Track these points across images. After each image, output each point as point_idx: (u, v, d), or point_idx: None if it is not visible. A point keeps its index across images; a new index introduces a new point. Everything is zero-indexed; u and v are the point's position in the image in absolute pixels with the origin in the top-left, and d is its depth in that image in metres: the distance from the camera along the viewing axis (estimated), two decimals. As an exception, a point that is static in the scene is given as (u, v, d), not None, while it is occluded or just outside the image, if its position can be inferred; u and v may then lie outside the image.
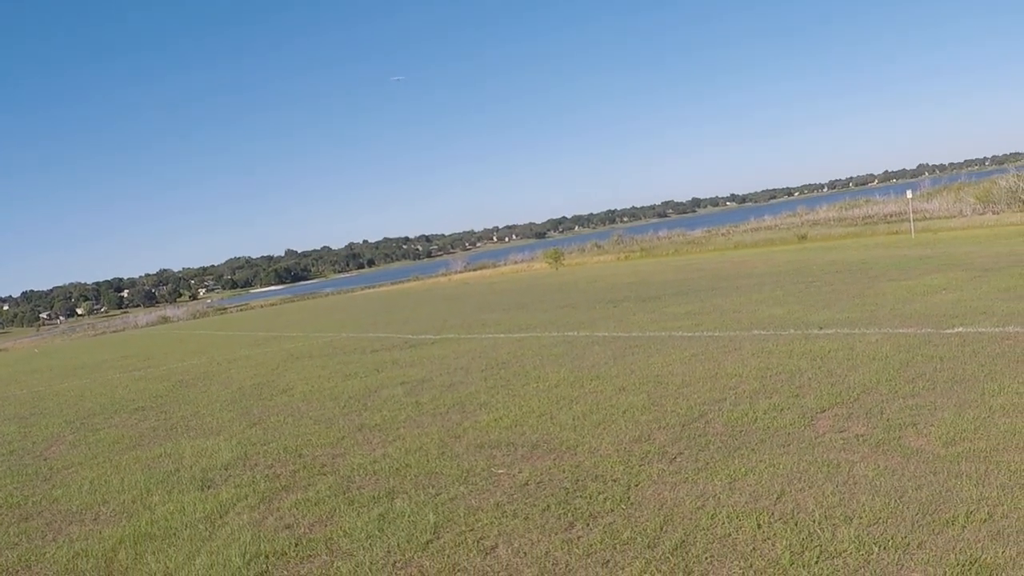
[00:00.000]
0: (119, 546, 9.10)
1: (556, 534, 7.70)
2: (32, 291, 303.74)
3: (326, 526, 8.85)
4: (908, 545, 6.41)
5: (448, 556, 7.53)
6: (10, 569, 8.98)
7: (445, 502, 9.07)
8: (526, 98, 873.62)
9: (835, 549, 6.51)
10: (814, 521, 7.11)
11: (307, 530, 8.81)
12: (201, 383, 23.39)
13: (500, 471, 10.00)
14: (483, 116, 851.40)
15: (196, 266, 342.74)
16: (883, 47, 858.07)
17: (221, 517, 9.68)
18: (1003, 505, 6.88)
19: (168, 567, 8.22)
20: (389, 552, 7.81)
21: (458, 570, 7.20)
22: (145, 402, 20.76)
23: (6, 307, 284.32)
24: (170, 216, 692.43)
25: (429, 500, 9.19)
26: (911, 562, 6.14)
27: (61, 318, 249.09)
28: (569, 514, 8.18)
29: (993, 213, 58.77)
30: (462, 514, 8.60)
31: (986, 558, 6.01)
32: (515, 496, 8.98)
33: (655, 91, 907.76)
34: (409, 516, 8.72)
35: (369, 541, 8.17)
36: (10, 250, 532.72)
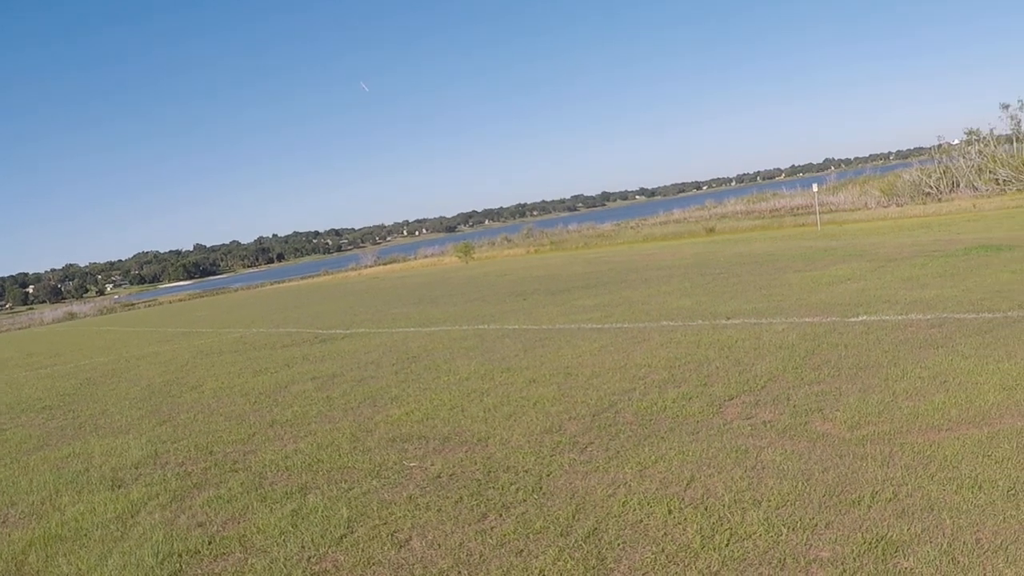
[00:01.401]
0: (29, 548, 8.92)
1: (469, 525, 7.73)
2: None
3: (239, 523, 8.78)
4: (816, 525, 6.52)
5: (362, 550, 7.52)
6: (-85, 576, 8.84)
7: (358, 496, 9.05)
8: (434, 91, 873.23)
9: (745, 532, 6.60)
10: (724, 505, 7.20)
11: (220, 528, 8.74)
12: (109, 381, 23.02)
13: (412, 464, 9.99)
14: (392, 108, 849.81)
15: (103, 261, 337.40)
16: (789, 42, 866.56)
17: (133, 517, 9.55)
18: (907, 485, 7.02)
19: (80, 568, 8.10)
20: (303, 548, 7.78)
21: (373, 563, 7.19)
22: (52, 401, 20.38)
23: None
24: (76, 209, 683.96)
25: (342, 495, 9.17)
26: (819, 542, 6.25)
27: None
28: (482, 505, 8.21)
29: (897, 206, 59.66)
30: (375, 508, 8.59)
31: (892, 536, 6.13)
32: (428, 489, 8.98)
33: (564, 85, 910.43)
34: (322, 511, 8.70)
35: (283, 537, 8.13)
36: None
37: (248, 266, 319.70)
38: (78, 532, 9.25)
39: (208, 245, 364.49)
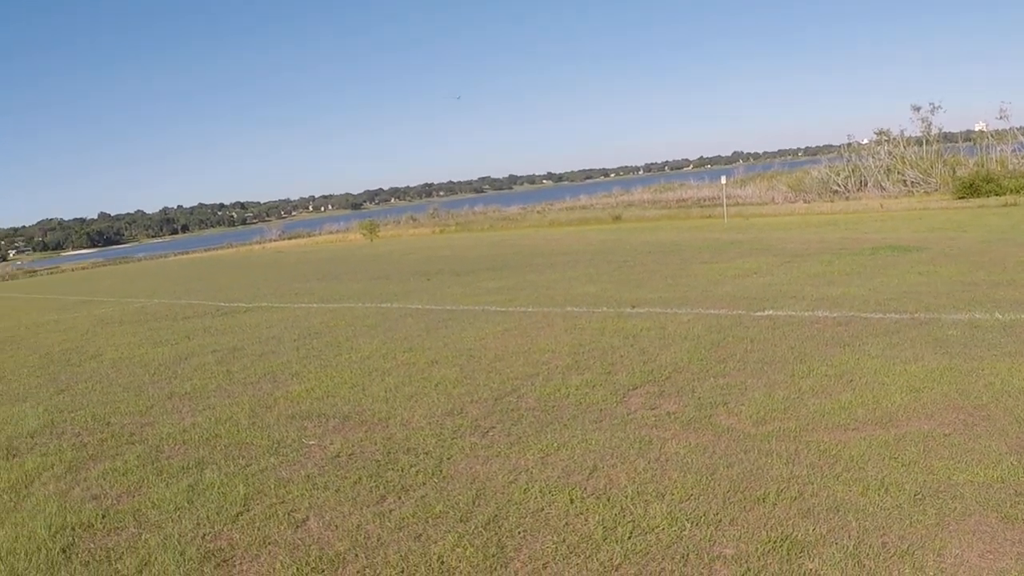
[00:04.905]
0: (-84, 517, 8.68)
1: (368, 507, 7.59)
2: None
3: (134, 497, 8.57)
4: (720, 521, 6.45)
5: (258, 528, 7.36)
6: None
7: (255, 473, 8.88)
8: (344, 66, 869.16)
9: (648, 525, 6.51)
10: (626, 497, 7.12)
11: (115, 501, 8.51)
12: (7, 348, 22.51)
13: (311, 442, 9.84)
14: (299, 81, 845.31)
15: (5, 226, 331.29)
16: (699, 31, 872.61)
17: (27, 487, 9.30)
18: (813, 484, 6.98)
19: (-31, 538, 7.88)
20: (198, 524, 7.60)
21: (269, 543, 7.04)
22: (-54, 366, 19.93)
23: None
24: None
25: (239, 471, 8.99)
26: (723, 538, 6.18)
27: None
28: (381, 487, 8.07)
29: (804, 202, 60.38)
30: (272, 486, 8.42)
31: (796, 535, 6.08)
32: (326, 468, 8.83)
33: (472, 64, 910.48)
34: (219, 487, 8.51)
35: (178, 513, 7.94)
36: None
37: (153, 236, 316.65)
38: (-32, 502, 8.99)
39: (113, 214, 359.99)
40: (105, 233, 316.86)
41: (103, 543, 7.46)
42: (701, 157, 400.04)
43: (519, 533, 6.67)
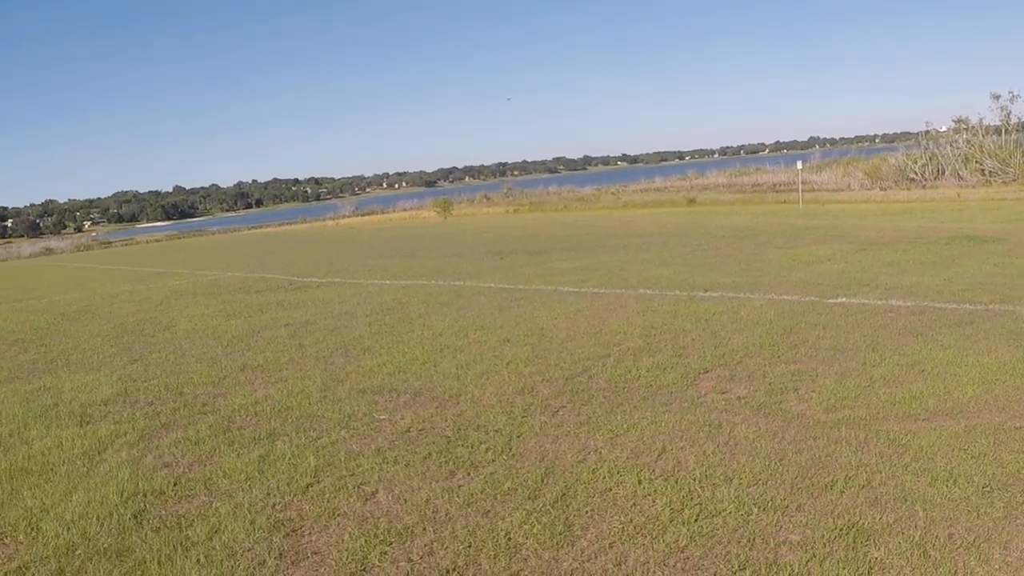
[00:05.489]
0: (-7, 479, 8.85)
1: (437, 482, 7.66)
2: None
3: (205, 466, 8.70)
4: (787, 507, 6.46)
5: (328, 500, 7.46)
6: None
7: (326, 446, 8.98)
8: (418, 44, 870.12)
9: (715, 508, 6.53)
10: (694, 480, 7.14)
11: (186, 470, 8.65)
12: (83, 317, 22.82)
13: (382, 417, 9.93)
14: (377, 58, 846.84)
15: (82, 198, 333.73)
16: (780, 17, 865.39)
17: (99, 454, 9.46)
18: (881, 473, 6.96)
19: (44, 503, 7.99)
20: (268, 494, 7.71)
21: (337, 514, 7.12)
22: (25, 334, 20.21)
23: None
24: (57, 145, 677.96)
25: (310, 443, 9.10)
26: (789, 524, 6.19)
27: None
28: (450, 462, 8.14)
29: (880, 189, 59.62)
30: (343, 459, 8.52)
31: (863, 523, 6.07)
32: (396, 443, 8.92)
33: (548, 43, 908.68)
34: (290, 459, 8.62)
35: (248, 483, 8.06)
36: None
37: (227, 210, 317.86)
38: (44, 466, 9.15)
39: (188, 187, 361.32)
40: (180, 206, 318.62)
41: (174, 510, 7.59)
42: (777, 142, 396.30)
43: (586, 512, 6.70)
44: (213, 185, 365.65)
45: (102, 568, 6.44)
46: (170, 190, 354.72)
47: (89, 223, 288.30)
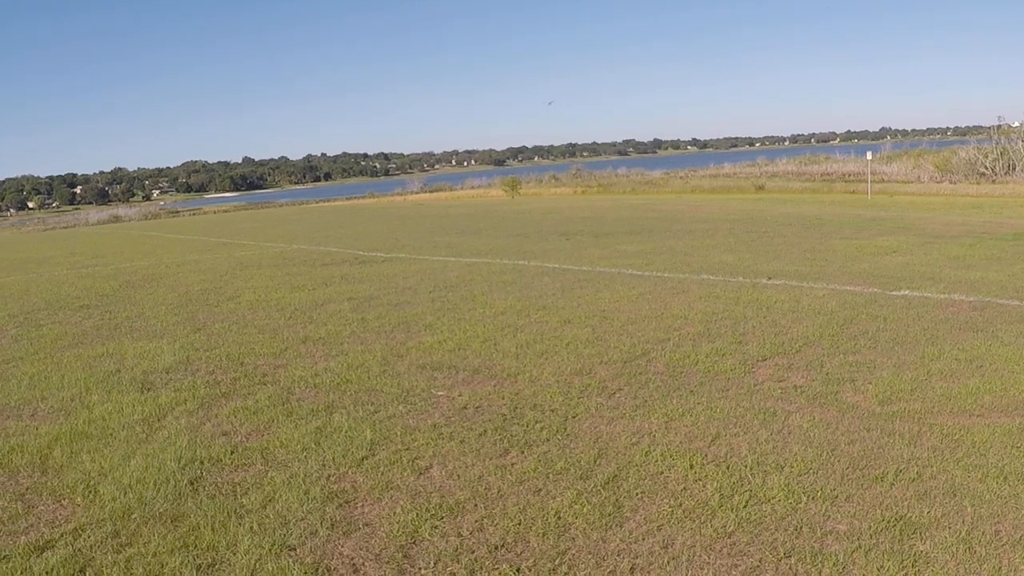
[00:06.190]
0: (55, 443, 8.97)
1: (491, 459, 7.77)
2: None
3: (263, 436, 8.86)
4: (836, 497, 6.49)
5: (382, 473, 7.57)
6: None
7: (383, 420, 9.10)
8: (491, 24, 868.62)
9: (764, 495, 6.58)
10: (746, 466, 7.19)
11: (244, 439, 8.81)
12: (148, 285, 23.16)
13: (440, 393, 10.03)
14: (448, 35, 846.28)
15: (151, 167, 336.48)
16: (851, 6, 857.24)
17: (159, 420, 9.63)
18: (932, 467, 6.97)
19: (103, 467, 8.15)
20: (324, 465, 7.84)
21: (391, 487, 7.23)
22: (90, 300, 20.52)
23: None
24: (127, 113, 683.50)
25: (367, 417, 9.23)
26: (838, 514, 6.22)
27: (11, 211, 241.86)
28: (505, 440, 8.24)
29: (950, 183, 59.10)
30: (399, 433, 8.63)
31: (911, 516, 6.09)
32: (453, 419, 9.02)
33: (617, 24, 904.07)
34: (346, 431, 8.75)
35: (305, 453, 8.19)
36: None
37: (295, 183, 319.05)
38: (104, 431, 9.32)
39: (257, 159, 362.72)
40: (248, 177, 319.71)
41: (230, 478, 7.74)
42: (848, 131, 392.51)
43: (637, 494, 6.78)
44: (282, 157, 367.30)
45: (156, 532, 6.57)
46: (239, 161, 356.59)
47: (157, 192, 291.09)
